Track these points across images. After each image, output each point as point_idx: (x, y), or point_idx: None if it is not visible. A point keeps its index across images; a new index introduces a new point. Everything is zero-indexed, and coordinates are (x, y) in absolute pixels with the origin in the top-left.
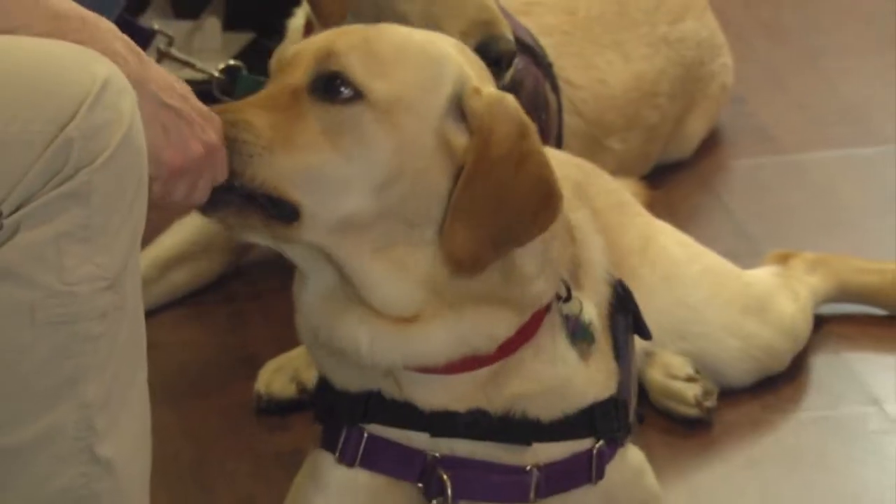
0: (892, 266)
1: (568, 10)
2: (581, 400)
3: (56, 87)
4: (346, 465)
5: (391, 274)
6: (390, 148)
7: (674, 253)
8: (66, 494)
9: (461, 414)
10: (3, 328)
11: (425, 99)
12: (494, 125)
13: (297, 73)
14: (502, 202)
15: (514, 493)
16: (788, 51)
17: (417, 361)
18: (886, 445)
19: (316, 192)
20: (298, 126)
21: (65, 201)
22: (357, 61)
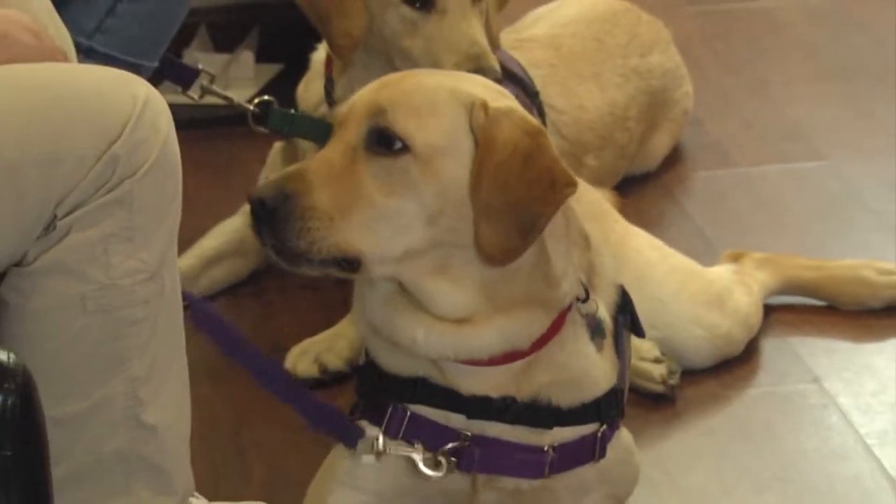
0: (829, 264)
1: (554, 45)
2: (596, 389)
3: (104, 110)
4: (391, 437)
5: (449, 288)
6: (433, 191)
7: (645, 254)
8: (117, 455)
9: (494, 399)
10: (59, 316)
11: (456, 141)
12: (497, 132)
13: (352, 130)
14: (517, 195)
15: (532, 471)
16: (740, 79)
17: (466, 356)
18: (824, 417)
19: (374, 240)
20: (355, 187)
21: (111, 207)
22: (401, 116)
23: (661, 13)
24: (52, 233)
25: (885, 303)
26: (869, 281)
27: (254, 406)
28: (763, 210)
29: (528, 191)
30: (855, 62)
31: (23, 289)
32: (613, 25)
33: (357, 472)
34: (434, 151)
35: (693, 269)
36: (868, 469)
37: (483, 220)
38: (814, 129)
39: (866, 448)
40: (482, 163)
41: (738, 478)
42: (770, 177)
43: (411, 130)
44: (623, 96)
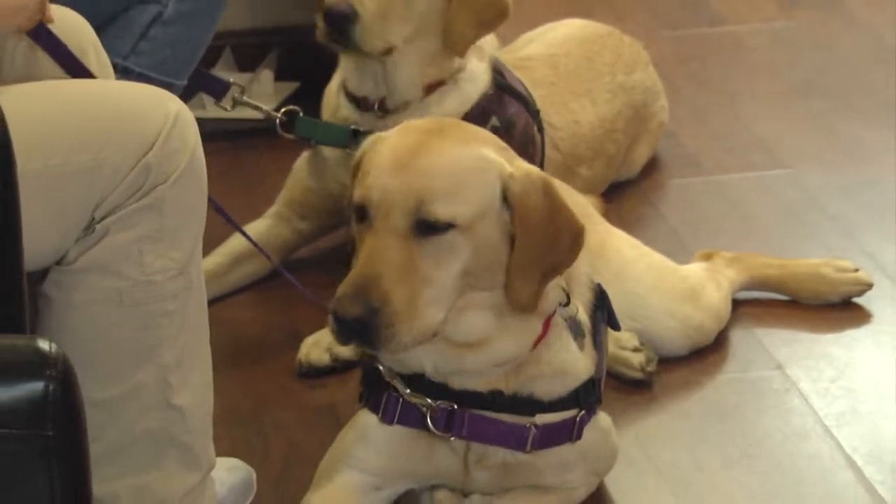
0: (791, 262)
1: (552, 64)
2: (576, 382)
3: (138, 124)
4: (387, 424)
5: (472, 319)
6: (471, 250)
7: (625, 253)
8: (149, 434)
9: (483, 393)
10: (98, 309)
11: (490, 207)
12: (528, 199)
13: (398, 221)
14: (546, 249)
15: (515, 442)
16: (710, 96)
17: (470, 370)
18: (787, 401)
19: (437, 311)
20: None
21: (144, 211)
22: (441, 204)
23: (640, 36)
24: (91, 234)
25: (842, 297)
26: (828, 278)
27: (272, 390)
28: (732, 214)
29: (554, 245)
30: (815, 81)
31: (64, 284)
32: (601, 46)
33: (361, 455)
34: (474, 219)
35: (668, 266)
36: (826, 448)
37: (517, 276)
38: (777, 141)
39: (825, 429)
40: (523, 228)
41: (709, 455)
42: (738, 184)
43: (453, 213)
44: (611, 111)
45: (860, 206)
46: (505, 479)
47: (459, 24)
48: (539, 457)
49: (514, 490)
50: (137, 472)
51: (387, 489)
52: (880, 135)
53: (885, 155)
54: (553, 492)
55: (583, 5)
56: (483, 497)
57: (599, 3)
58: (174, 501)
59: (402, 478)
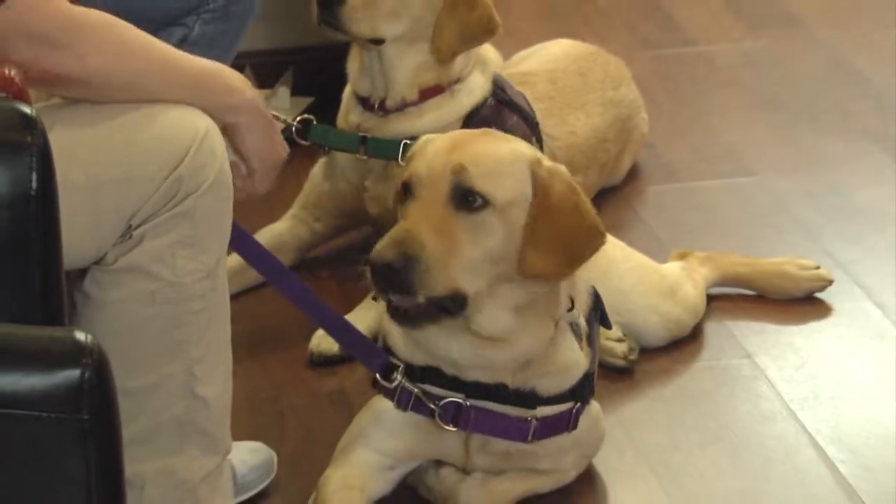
0: (759, 261)
1: (551, 80)
2: (574, 378)
3: (171, 139)
4: (401, 410)
5: (495, 312)
6: (504, 234)
7: (610, 253)
8: (175, 421)
9: (490, 385)
10: (132, 307)
11: (523, 193)
12: (552, 185)
13: (439, 188)
14: (569, 234)
15: (518, 435)
16: (686, 111)
17: (489, 364)
18: (755, 386)
19: (470, 280)
20: (452, 238)
21: (177, 219)
22: (480, 178)
23: (623, 56)
24: (128, 240)
25: (805, 293)
26: (792, 275)
27: (289, 378)
28: (705, 217)
29: (578, 233)
30: (779, 96)
31: (103, 283)
32: (592, 63)
33: (377, 437)
34: (509, 204)
35: (649, 265)
36: (791, 429)
37: (531, 248)
38: (746, 151)
39: (790, 412)
40: (540, 206)
41: (685, 436)
42: (710, 190)
43: (490, 189)
44: (603, 123)
45: (821, 210)
46: (504, 463)
47: (446, 31)
48: (537, 445)
49: (510, 471)
50: (163, 455)
51: (398, 469)
52: (839, 145)
53: (844, 163)
54: (547, 473)
55: (569, 27)
56: (482, 475)
57: (584, 25)
58: (195, 483)
59: (412, 458)
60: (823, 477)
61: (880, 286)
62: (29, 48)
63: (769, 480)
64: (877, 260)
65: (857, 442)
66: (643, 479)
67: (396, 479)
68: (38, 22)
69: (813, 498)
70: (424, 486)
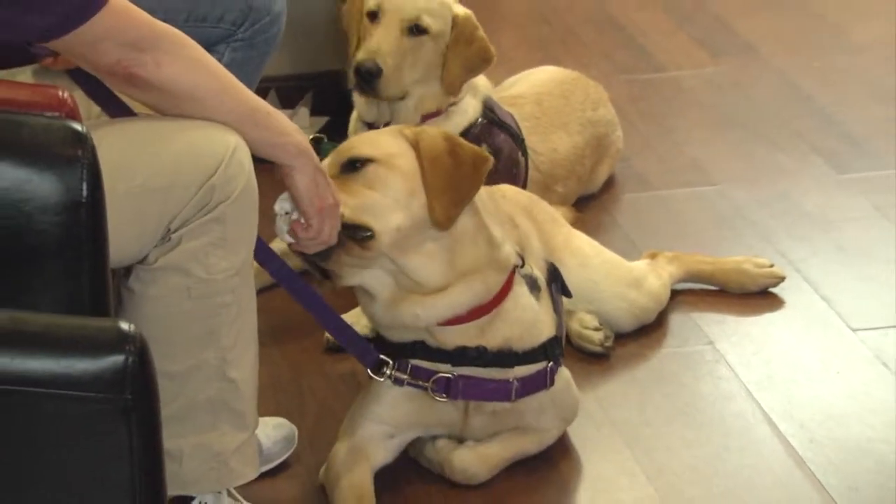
0: (720, 260)
1: (537, 101)
2: (542, 336)
3: (205, 153)
4: (398, 386)
5: (426, 262)
6: (399, 179)
7: (585, 250)
8: (208, 401)
9: (471, 349)
10: (170, 300)
11: (402, 149)
12: (420, 139)
13: (332, 171)
14: (451, 177)
15: (502, 396)
16: (657, 128)
17: (450, 314)
18: (716, 370)
19: (376, 217)
20: (350, 187)
21: (210, 224)
22: (358, 147)
23: (601, 80)
24: (167, 242)
25: (760, 287)
26: (749, 272)
27: (307, 363)
28: (672, 221)
29: (458, 172)
30: (737, 116)
31: (145, 280)
32: (574, 87)
33: (377, 410)
34: (389, 156)
35: (618, 260)
36: (748, 407)
37: (433, 199)
38: (708, 163)
39: (747, 392)
40: (420, 157)
41: (654, 413)
42: (677, 198)
43: (368, 150)
44: (582, 140)
45: (774, 215)
46: (495, 422)
47: (453, 69)
48: (521, 403)
49: (500, 434)
50: (199, 431)
51: (398, 437)
52: (790, 158)
53: (793, 174)
54: (531, 433)
55: (553, 55)
56: (475, 442)
57: (567, 54)
58: (227, 454)
59: (410, 427)
60: (776, 449)
61: (826, 282)
62: (116, 50)
63: (729, 452)
64: (822, 259)
65: (806, 418)
66: (617, 451)
67: (397, 447)
68: (127, 29)
69: (767, 467)
70: (424, 458)
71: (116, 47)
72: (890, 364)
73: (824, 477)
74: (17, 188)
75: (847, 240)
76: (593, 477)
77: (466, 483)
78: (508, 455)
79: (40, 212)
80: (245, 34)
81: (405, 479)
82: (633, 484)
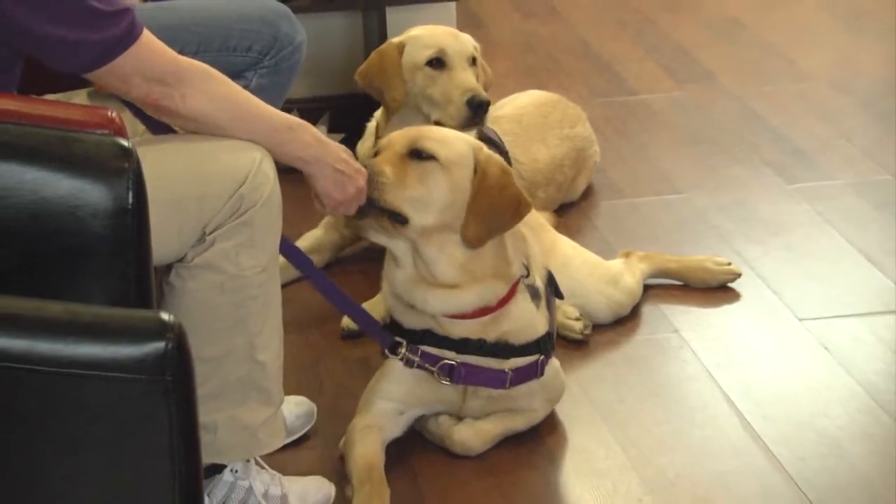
0: (685, 258)
1: (516, 120)
2: (537, 333)
3: (235, 165)
4: (409, 367)
5: (444, 259)
6: (448, 186)
7: (568, 252)
8: (239, 381)
9: (473, 340)
10: (205, 294)
11: (466, 161)
12: (488, 167)
13: (397, 148)
14: (495, 208)
15: (498, 383)
16: (630, 144)
17: (455, 310)
18: (682, 354)
19: (413, 208)
20: (404, 174)
21: (240, 227)
22: (430, 142)
23: (580, 103)
24: (203, 243)
25: (719, 283)
26: (709, 269)
27: (326, 348)
28: (643, 225)
29: (502, 207)
30: (699, 134)
31: (183, 276)
32: (552, 108)
33: (389, 389)
34: (451, 163)
35: (598, 260)
36: (709, 387)
37: (471, 220)
38: (675, 175)
39: (709, 374)
40: (479, 184)
41: (628, 392)
42: (648, 205)
43: (437, 148)
44: (560, 153)
45: (732, 220)
46: (489, 404)
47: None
48: (514, 389)
49: (494, 413)
50: (231, 406)
51: (406, 413)
52: (745, 170)
53: (748, 184)
54: (522, 413)
55: (540, 81)
56: (471, 420)
57: (551, 79)
58: (256, 427)
59: (417, 405)
60: (734, 423)
61: (776, 278)
62: (144, 84)
63: (692, 426)
64: (773, 258)
65: (759, 396)
66: (596, 426)
67: (406, 423)
68: (154, 66)
69: (726, 439)
70: (428, 431)
71: (145, 82)
72: (832, 349)
73: (775, 448)
74: (72, 196)
75: (794, 241)
76: (575, 448)
77: (464, 454)
78: (501, 431)
79: (92, 217)
80: (270, 62)
81: (412, 451)
82: (609, 454)
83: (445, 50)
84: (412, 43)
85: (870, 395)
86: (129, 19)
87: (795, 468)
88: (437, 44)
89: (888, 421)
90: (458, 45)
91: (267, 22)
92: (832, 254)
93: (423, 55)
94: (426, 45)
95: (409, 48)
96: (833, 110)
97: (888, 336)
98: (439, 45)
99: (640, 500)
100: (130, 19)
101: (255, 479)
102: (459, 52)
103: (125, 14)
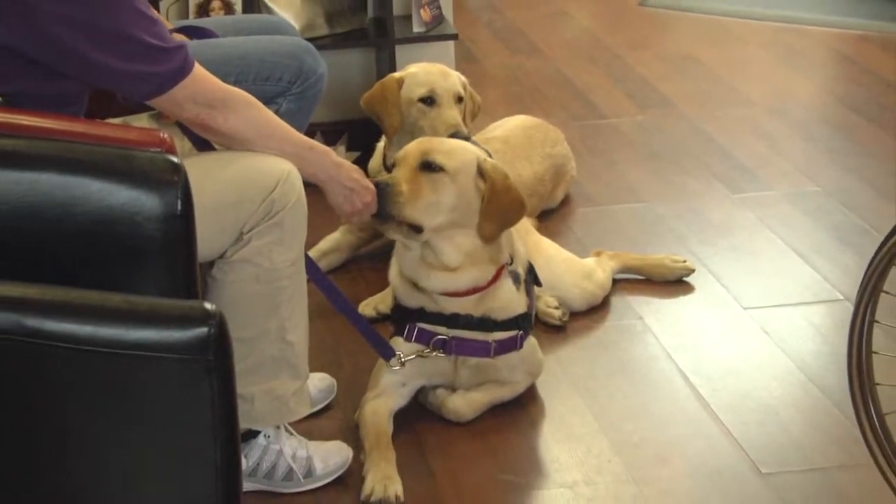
0: (648, 257)
1: (504, 140)
2: (516, 311)
3: (266, 175)
4: (407, 342)
5: (452, 248)
6: (456, 192)
7: (549, 251)
8: (272, 358)
9: (462, 316)
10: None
11: (470, 170)
12: (495, 177)
13: (411, 162)
14: (504, 209)
15: (484, 352)
16: (599, 161)
17: (452, 289)
18: (645, 338)
19: (427, 217)
20: (418, 187)
21: (272, 227)
22: (439, 155)
23: (559, 125)
24: (240, 242)
25: (676, 277)
26: (668, 266)
27: (345, 332)
28: (612, 230)
29: (510, 207)
30: (660, 152)
31: (224, 271)
32: (536, 130)
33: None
34: (457, 172)
35: (574, 258)
36: (669, 366)
37: (486, 220)
38: (639, 186)
39: (667, 354)
40: (490, 192)
41: (600, 370)
42: (617, 212)
43: (445, 161)
44: (542, 168)
45: (687, 224)
46: (477, 374)
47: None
48: (498, 359)
49: (482, 385)
50: (265, 380)
51: (409, 385)
52: (698, 182)
53: (701, 195)
54: (506, 385)
55: (525, 107)
56: (463, 391)
57: (534, 105)
58: (287, 397)
59: (417, 377)
60: (688, 395)
61: (725, 273)
62: (195, 108)
63: (655, 399)
64: (722, 257)
65: (710, 373)
66: (572, 399)
67: (409, 394)
68: (206, 92)
69: (682, 409)
70: (427, 402)
71: (195, 106)
72: (771, 333)
73: (724, 415)
74: (130, 204)
75: (739, 242)
76: (554, 417)
77: (457, 421)
78: (488, 400)
79: (146, 221)
80: (297, 90)
81: (415, 419)
82: (583, 422)
83: (436, 90)
84: (410, 79)
85: (802, 372)
86: (182, 55)
87: (739, 432)
88: (430, 83)
89: (817, 393)
90: (447, 85)
91: (294, 56)
92: (771, 253)
93: (417, 92)
94: (420, 83)
95: (407, 84)
96: (771, 132)
97: (818, 322)
98: (431, 84)
99: (610, 461)
100: (184, 55)
101: (285, 443)
102: (448, 90)
103: (179, 51)
